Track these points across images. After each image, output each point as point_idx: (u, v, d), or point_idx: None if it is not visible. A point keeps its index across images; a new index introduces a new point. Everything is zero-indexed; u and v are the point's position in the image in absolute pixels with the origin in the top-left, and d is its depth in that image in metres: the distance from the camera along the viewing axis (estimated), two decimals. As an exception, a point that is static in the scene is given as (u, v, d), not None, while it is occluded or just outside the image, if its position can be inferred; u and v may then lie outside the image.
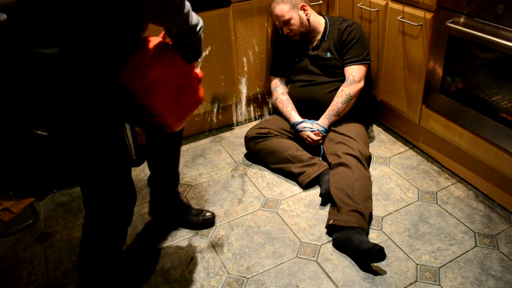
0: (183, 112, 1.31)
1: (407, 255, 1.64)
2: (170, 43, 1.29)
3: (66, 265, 1.67)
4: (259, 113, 2.59)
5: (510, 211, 1.81)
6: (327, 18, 2.21)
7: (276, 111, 2.28)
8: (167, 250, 1.72)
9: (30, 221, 1.89)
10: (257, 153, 2.14)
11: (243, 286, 1.56)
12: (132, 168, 2.21)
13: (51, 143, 1.23)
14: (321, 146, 2.13)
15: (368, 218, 1.75)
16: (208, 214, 1.82)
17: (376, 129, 2.42)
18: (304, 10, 2.14)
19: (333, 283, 1.54)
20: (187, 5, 1.17)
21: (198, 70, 1.35)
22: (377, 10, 2.14)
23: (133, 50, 1.19)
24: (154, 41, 1.25)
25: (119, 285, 1.46)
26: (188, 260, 1.67)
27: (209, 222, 1.81)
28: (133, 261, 1.68)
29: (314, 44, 2.19)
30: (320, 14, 2.25)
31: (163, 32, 1.34)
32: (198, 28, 1.24)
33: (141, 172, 2.18)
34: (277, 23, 2.17)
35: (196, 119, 2.39)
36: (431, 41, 1.88)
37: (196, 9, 1.23)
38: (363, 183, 1.83)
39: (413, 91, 2.07)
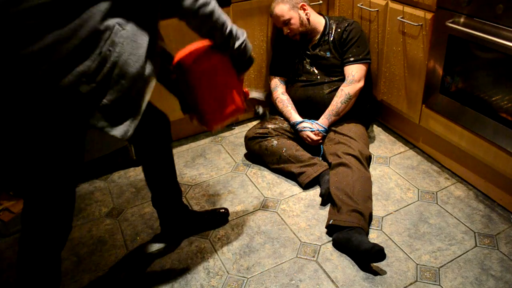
0: (222, 111, 1.43)
1: (407, 255, 1.64)
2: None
3: (65, 265, 1.67)
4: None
5: (510, 211, 1.81)
6: (327, 18, 2.21)
7: (276, 111, 2.28)
8: (167, 250, 1.72)
9: (30, 221, 1.89)
10: (257, 153, 2.14)
11: (243, 286, 1.56)
12: (132, 168, 2.21)
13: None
14: (321, 146, 2.13)
15: (368, 218, 1.75)
16: (221, 210, 1.83)
17: (376, 129, 2.42)
18: (304, 9, 2.14)
19: (333, 283, 1.54)
20: (226, 25, 1.24)
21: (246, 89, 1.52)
22: (377, 10, 2.14)
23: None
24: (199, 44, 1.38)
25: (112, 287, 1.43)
26: (188, 260, 1.67)
27: (224, 218, 1.82)
28: (133, 261, 1.69)
29: (314, 44, 2.19)
30: (320, 13, 2.25)
31: None
32: (237, 44, 1.31)
33: (141, 172, 2.17)
34: (277, 23, 2.17)
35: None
36: (431, 41, 1.88)
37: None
38: (363, 183, 1.83)
39: (413, 91, 2.07)
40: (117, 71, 1.05)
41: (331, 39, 2.15)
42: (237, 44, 1.31)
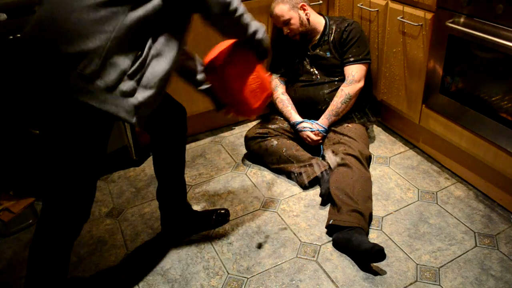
0: (259, 98, 1.52)
1: (407, 255, 1.64)
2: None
3: (66, 265, 1.67)
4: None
5: (510, 211, 1.81)
6: (327, 18, 2.21)
7: (276, 111, 2.28)
8: (167, 250, 1.72)
9: (30, 221, 1.89)
10: (257, 153, 2.14)
11: (243, 286, 1.56)
12: (132, 168, 2.21)
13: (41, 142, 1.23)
14: (321, 146, 2.13)
15: (368, 218, 1.75)
16: (221, 210, 1.83)
17: (376, 129, 2.42)
18: (304, 9, 2.13)
19: (333, 283, 1.54)
20: (245, 18, 1.29)
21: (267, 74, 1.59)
22: (377, 10, 2.14)
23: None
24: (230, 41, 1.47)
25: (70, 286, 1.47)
26: (188, 260, 1.68)
27: (224, 218, 1.83)
28: (133, 261, 1.69)
29: (314, 44, 2.19)
30: (320, 14, 2.25)
31: None
32: (257, 37, 1.38)
33: (141, 172, 2.18)
34: (277, 23, 2.17)
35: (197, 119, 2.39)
36: (431, 41, 1.89)
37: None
38: (363, 183, 1.83)
39: (413, 91, 2.07)
40: (150, 70, 1.14)
41: (331, 39, 2.15)
42: (258, 36, 1.39)
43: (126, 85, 1.10)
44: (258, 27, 1.38)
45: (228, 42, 1.45)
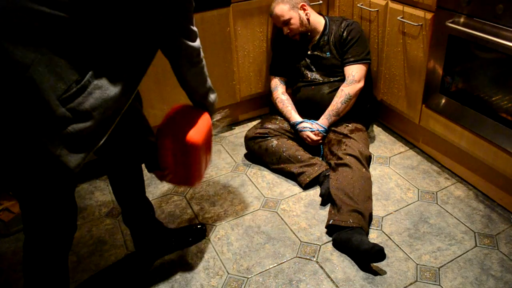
0: (205, 169, 1.47)
1: (407, 255, 1.64)
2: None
3: (66, 265, 1.67)
4: (259, 113, 2.59)
5: (510, 211, 1.81)
6: (327, 18, 2.21)
7: (276, 111, 2.28)
8: (167, 250, 1.72)
9: (30, 221, 1.89)
10: (257, 153, 2.14)
11: (243, 286, 1.56)
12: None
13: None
14: (321, 146, 2.13)
15: (368, 218, 1.75)
16: (198, 226, 1.77)
17: (376, 129, 2.42)
18: (304, 9, 2.14)
19: (333, 283, 1.54)
20: (205, 70, 1.31)
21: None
22: (377, 10, 2.14)
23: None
24: (184, 107, 1.41)
25: None
26: (188, 260, 1.68)
27: (201, 233, 1.76)
28: (133, 261, 1.68)
29: (314, 44, 2.19)
30: (320, 14, 2.25)
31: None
32: (210, 98, 1.39)
33: (141, 172, 2.18)
34: (277, 23, 2.17)
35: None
36: (431, 41, 1.89)
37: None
38: (363, 183, 1.83)
39: (413, 91, 2.07)
40: (91, 101, 1.01)
41: (331, 39, 2.15)
42: (211, 98, 1.39)
43: (58, 110, 0.97)
44: (211, 85, 1.37)
45: (184, 109, 1.37)
